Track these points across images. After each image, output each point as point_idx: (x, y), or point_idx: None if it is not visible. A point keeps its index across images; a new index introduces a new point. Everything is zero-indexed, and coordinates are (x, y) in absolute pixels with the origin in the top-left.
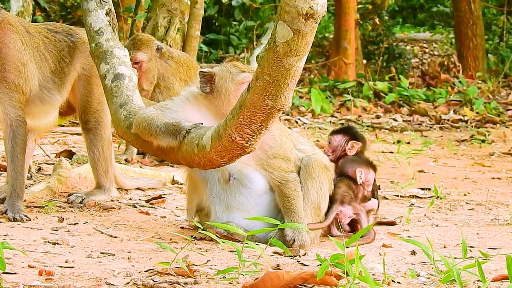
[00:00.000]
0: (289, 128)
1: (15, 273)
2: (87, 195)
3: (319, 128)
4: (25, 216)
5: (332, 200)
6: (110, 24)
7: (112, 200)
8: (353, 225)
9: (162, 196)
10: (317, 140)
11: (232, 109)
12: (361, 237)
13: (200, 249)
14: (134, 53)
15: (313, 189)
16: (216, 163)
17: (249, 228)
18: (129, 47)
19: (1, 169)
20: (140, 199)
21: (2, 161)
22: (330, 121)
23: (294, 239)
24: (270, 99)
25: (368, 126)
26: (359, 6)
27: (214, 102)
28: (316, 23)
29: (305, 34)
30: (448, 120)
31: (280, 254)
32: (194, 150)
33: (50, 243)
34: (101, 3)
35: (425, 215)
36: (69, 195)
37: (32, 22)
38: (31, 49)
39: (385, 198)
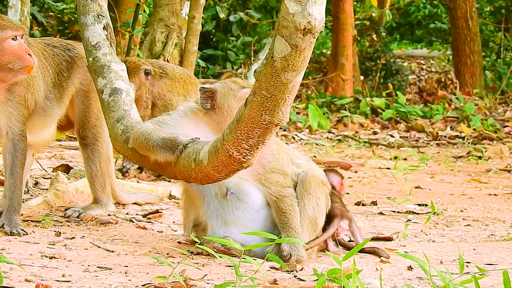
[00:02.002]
0: (286, 144)
1: (12, 287)
2: (84, 210)
3: (316, 144)
4: (22, 230)
5: (330, 215)
6: (108, 39)
7: (109, 215)
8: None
9: (159, 211)
10: (314, 156)
11: (230, 124)
12: (376, 254)
13: (197, 263)
14: None
15: (310, 204)
16: (213, 178)
17: (246, 243)
18: None
19: None
20: (137, 214)
21: (0, 175)
22: (327, 137)
23: (291, 254)
24: (267, 114)
25: (365, 142)
26: (357, 22)
27: (215, 118)
28: (314, 38)
29: (303, 49)
30: (445, 136)
31: (277, 269)
32: (191, 165)
33: (47, 257)
34: (98, 17)
35: (422, 230)
36: (66, 209)
37: (29, 36)
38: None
39: (382, 214)
